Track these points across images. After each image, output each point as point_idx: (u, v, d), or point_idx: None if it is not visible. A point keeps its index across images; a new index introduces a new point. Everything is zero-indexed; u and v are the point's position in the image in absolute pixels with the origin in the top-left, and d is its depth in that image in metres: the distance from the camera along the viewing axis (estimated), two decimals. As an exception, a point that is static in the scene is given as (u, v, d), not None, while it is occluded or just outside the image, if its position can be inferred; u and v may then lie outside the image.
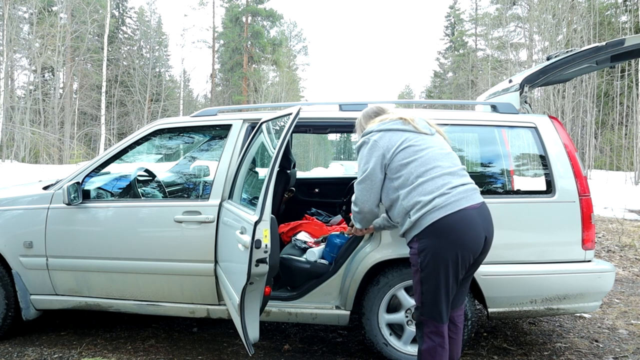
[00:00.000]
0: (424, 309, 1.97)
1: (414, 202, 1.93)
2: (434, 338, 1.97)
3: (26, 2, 23.91)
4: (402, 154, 2.00)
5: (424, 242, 1.91)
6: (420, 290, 1.96)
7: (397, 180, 2.00)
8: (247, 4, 38.02)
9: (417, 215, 1.91)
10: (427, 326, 1.98)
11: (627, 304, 3.79)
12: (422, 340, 2.01)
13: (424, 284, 1.94)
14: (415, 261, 1.96)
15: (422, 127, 2.09)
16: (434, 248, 1.89)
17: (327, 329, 3.21)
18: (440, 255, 1.89)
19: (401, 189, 1.98)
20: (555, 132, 2.59)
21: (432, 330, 1.97)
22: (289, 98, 36.41)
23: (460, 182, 1.97)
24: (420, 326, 2.01)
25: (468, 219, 1.90)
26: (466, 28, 42.56)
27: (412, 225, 1.94)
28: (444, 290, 1.92)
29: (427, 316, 1.97)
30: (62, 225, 2.79)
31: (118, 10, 35.27)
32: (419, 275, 1.95)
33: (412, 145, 2.01)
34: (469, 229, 1.90)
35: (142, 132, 2.94)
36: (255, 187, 2.81)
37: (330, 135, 43.49)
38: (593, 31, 21.36)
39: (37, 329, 3.13)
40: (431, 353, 1.97)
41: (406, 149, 2.00)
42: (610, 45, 2.42)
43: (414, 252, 1.96)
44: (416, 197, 1.93)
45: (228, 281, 2.36)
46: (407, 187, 1.96)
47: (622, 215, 8.37)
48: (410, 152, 1.99)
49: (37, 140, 21.76)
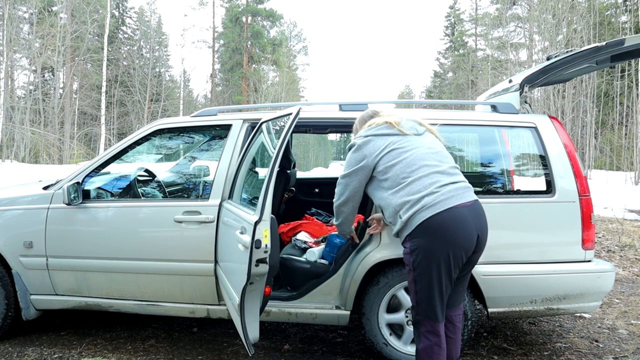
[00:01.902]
0: (419, 308, 1.99)
1: (402, 202, 1.96)
2: (430, 337, 1.98)
3: (26, 2, 23.92)
4: (386, 157, 2.05)
5: (415, 241, 1.94)
6: (415, 289, 1.98)
7: (386, 182, 2.05)
8: (247, 4, 38.02)
9: (407, 215, 1.94)
10: (423, 325, 2.00)
11: (627, 304, 3.79)
12: (419, 339, 2.02)
13: (418, 283, 1.96)
14: (408, 260, 1.98)
15: (407, 128, 2.13)
16: (425, 247, 1.91)
17: (327, 329, 3.21)
18: (431, 254, 1.90)
19: (390, 189, 2.03)
20: (555, 132, 2.59)
21: (429, 330, 1.98)
22: (289, 98, 36.42)
23: (451, 180, 1.97)
24: (417, 326, 2.03)
25: (458, 217, 1.90)
26: (466, 28, 42.56)
27: (403, 225, 1.96)
28: (437, 289, 1.93)
29: (422, 315, 1.99)
30: (62, 225, 2.79)
31: (118, 10, 35.28)
32: (412, 275, 1.98)
33: (397, 148, 2.05)
34: (460, 227, 1.89)
35: (142, 132, 2.94)
36: (255, 187, 2.81)
37: (330, 135, 43.45)
38: (593, 31, 21.36)
39: (37, 329, 3.13)
40: (428, 352, 1.98)
41: (390, 152, 2.05)
42: (610, 45, 2.42)
43: (406, 252, 1.99)
44: (404, 197, 1.96)
45: (228, 281, 2.36)
46: (395, 188, 2.00)
47: (622, 215, 8.37)
48: (394, 154, 2.04)
49: (37, 140, 21.77)
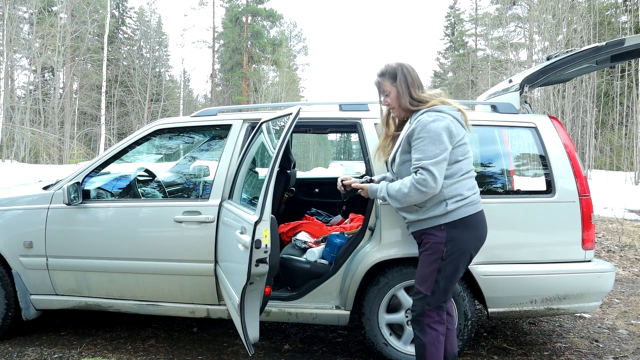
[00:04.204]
0: (432, 298, 1.99)
1: (457, 194, 1.96)
2: (437, 327, 2.00)
3: (26, 2, 23.91)
4: (459, 150, 1.99)
5: (453, 232, 1.95)
6: (435, 278, 1.97)
7: (447, 171, 1.96)
8: (247, 4, 38.00)
9: (455, 206, 1.95)
10: (430, 317, 2.00)
11: (627, 304, 3.79)
12: (423, 333, 2.01)
13: (441, 272, 1.97)
14: (437, 249, 1.97)
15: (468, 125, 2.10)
16: (462, 239, 1.96)
17: (327, 329, 3.21)
18: (465, 247, 1.97)
19: (447, 178, 1.96)
20: (555, 132, 2.59)
21: (436, 320, 2.00)
22: (289, 98, 36.39)
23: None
24: (421, 318, 2.01)
25: (485, 219, 2.07)
26: (466, 28, 42.56)
27: (444, 213, 1.95)
28: (456, 280, 2.02)
29: (433, 305, 1.99)
30: (62, 225, 2.79)
31: (118, 10, 35.26)
32: (438, 263, 1.97)
33: (465, 144, 2.03)
34: (486, 228, 2.07)
35: (142, 132, 2.94)
36: (255, 187, 2.81)
37: (330, 135, 43.50)
38: (593, 31, 21.35)
39: (37, 329, 3.13)
40: (434, 343, 2.00)
41: (462, 146, 2.00)
42: (610, 45, 2.42)
43: (438, 241, 1.96)
44: (459, 190, 1.97)
45: (228, 281, 2.36)
46: (454, 178, 1.97)
47: (622, 215, 8.37)
48: (463, 150, 2.01)
49: (37, 140, 21.76)
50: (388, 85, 2.10)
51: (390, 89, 2.10)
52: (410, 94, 2.05)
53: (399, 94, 2.07)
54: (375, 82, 2.17)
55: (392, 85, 2.09)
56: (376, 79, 2.16)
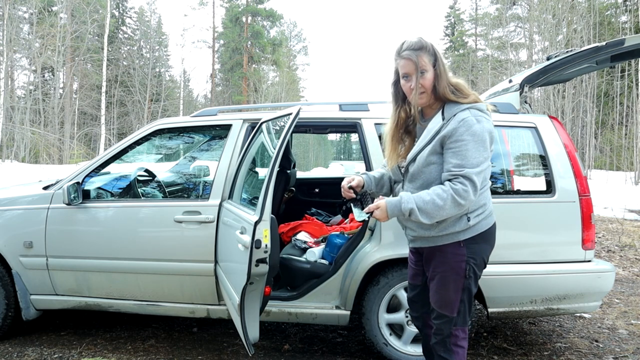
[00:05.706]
0: (459, 318, 1.77)
1: (479, 206, 1.72)
2: (463, 344, 1.80)
3: (26, 2, 23.91)
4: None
5: (473, 247, 1.72)
6: (461, 298, 1.74)
7: None
8: (247, 4, 38.02)
9: (476, 220, 1.71)
10: (456, 337, 1.79)
11: (627, 304, 3.79)
12: (450, 353, 1.79)
13: (466, 292, 1.74)
14: (458, 268, 1.71)
15: None
16: (482, 252, 1.76)
17: (327, 329, 3.21)
18: (485, 260, 1.78)
19: None
20: (555, 132, 2.59)
21: (462, 337, 1.80)
22: (289, 98, 36.40)
23: None
24: (447, 340, 1.79)
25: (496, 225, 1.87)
26: (466, 28, 42.57)
27: (466, 228, 1.70)
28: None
29: (460, 325, 1.78)
30: (62, 225, 2.79)
31: (118, 10, 35.27)
32: (461, 283, 1.73)
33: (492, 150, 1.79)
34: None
35: (142, 132, 2.94)
36: (255, 187, 2.81)
37: (330, 135, 43.47)
38: (593, 31, 21.36)
39: (37, 329, 3.13)
40: None
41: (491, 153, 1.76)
42: (610, 45, 2.42)
43: (458, 259, 1.71)
44: (482, 201, 1.73)
45: (228, 281, 2.36)
46: (479, 191, 1.69)
47: (622, 215, 8.37)
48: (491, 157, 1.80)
49: (37, 140, 21.77)
50: (426, 63, 1.66)
51: (428, 68, 1.67)
52: (449, 79, 1.70)
53: (439, 76, 1.67)
54: (406, 55, 1.67)
55: (431, 63, 1.67)
56: (407, 53, 1.66)
